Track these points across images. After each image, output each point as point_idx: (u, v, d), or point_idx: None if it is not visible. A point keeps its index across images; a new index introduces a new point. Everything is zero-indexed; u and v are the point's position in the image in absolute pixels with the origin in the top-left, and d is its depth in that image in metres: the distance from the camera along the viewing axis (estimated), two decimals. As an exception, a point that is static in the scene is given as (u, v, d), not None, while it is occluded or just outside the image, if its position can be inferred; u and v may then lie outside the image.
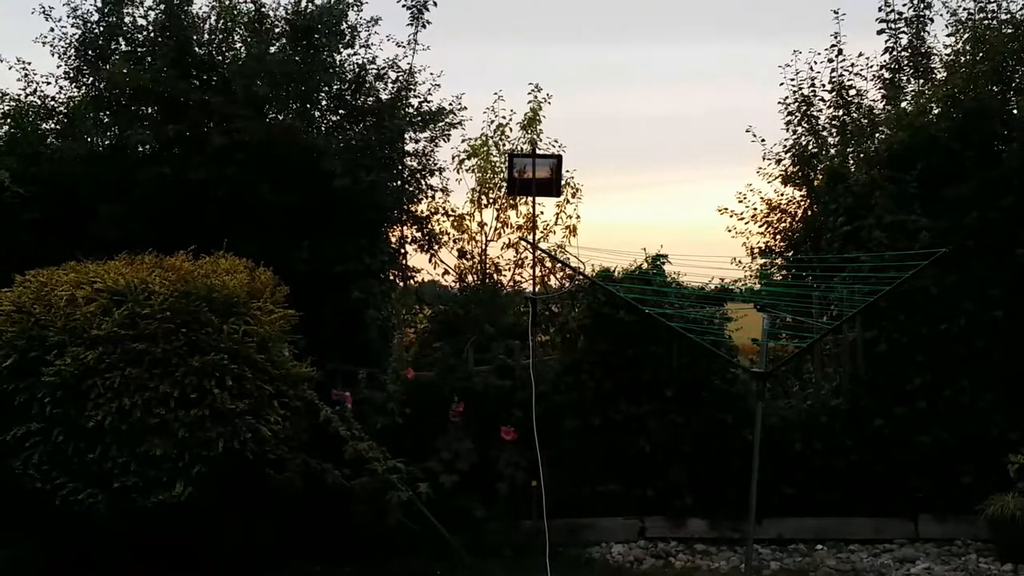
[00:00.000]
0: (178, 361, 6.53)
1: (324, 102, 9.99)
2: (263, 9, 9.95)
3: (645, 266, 9.08)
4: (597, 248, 8.04)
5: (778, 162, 11.20)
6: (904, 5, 10.72)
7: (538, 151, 7.96)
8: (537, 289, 9.14)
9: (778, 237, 11.70)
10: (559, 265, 10.37)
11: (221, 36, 9.92)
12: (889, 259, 8.37)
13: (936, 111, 9.60)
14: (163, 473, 6.48)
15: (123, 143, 9.41)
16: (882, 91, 10.86)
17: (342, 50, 10.07)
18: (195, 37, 9.66)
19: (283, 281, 7.75)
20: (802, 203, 11.27)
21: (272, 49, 9.77)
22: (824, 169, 10.04)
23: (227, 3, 9.94)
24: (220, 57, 9.91)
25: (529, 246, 10.12)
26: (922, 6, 10.76)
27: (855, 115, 10.90)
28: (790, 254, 11.62)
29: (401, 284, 10.64)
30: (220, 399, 6.53)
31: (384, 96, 10.01)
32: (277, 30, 10.04)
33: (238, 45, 9.99)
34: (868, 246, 8.89)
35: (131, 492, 6.45)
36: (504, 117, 11.34)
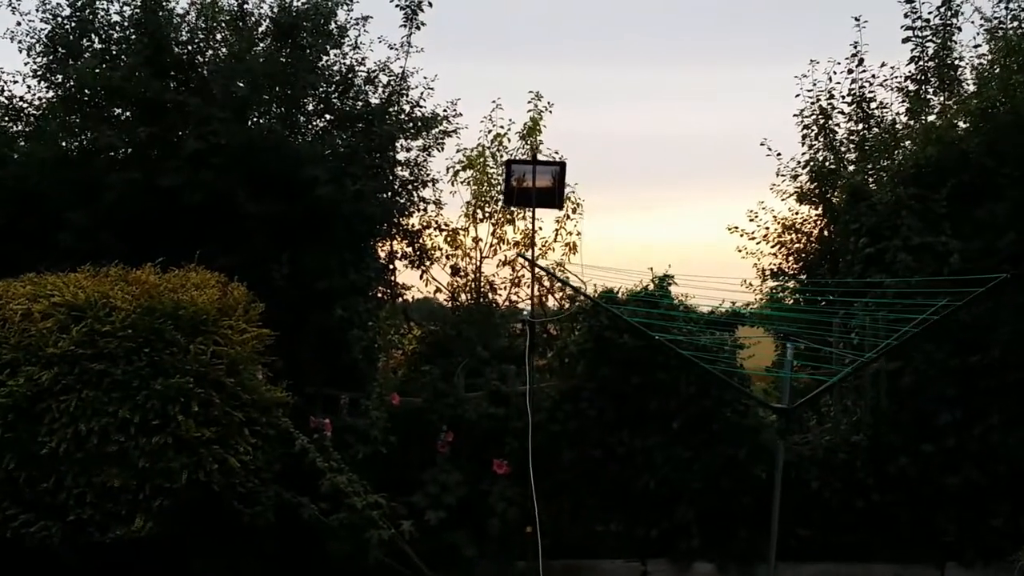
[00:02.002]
0: (139, 384, 6.40)
1: (310, 106, 9.74)
2: (246, 7, 9.72)
3: (651, 287, 8.74)
4: (601, 267, 7.66)
5: (794, 178, 10.94)
6: (930, 13, 10.41)
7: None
8: (534, 310, 8.75)
9: (791, 258, 11.38)
10: (558, 285, 10.03)
11: (201, 35, 9.62)
12: (916, 284, 8.08)
13: (964, 125, 9.28)
14: (121, 506, 6.38)
15: (93, 147, 9.13)
16: (906, 104, 10.52)
17: (330, 51, 9.82)
18: (173, 35, 9.36)
19: (260, 297, 7.54)
20: (819, 222, 10.93)
21: (255, 49, 9.49)
22: (844, 186, 9.69)
23: (208, 2, 9.63)
24: (199, 57, 9.63)
25: (527, 263, 9.74)
26: (949, 14, 10.42)
27: (877, 129, 10.56)
28: (803, 277, 11.31)
29: (389, 302, 10.29)
30: (185, 426, 6.43)
31: (374, 100, 9.78)
32: (261, 29, 9.79)
33: (219, 45, 9.72)
34: (893, 269, 8.59)
35: (87, 526, 6.35)
36: (502, 127, 11.10)
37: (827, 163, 10.71)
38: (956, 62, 10.35)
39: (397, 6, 9.97)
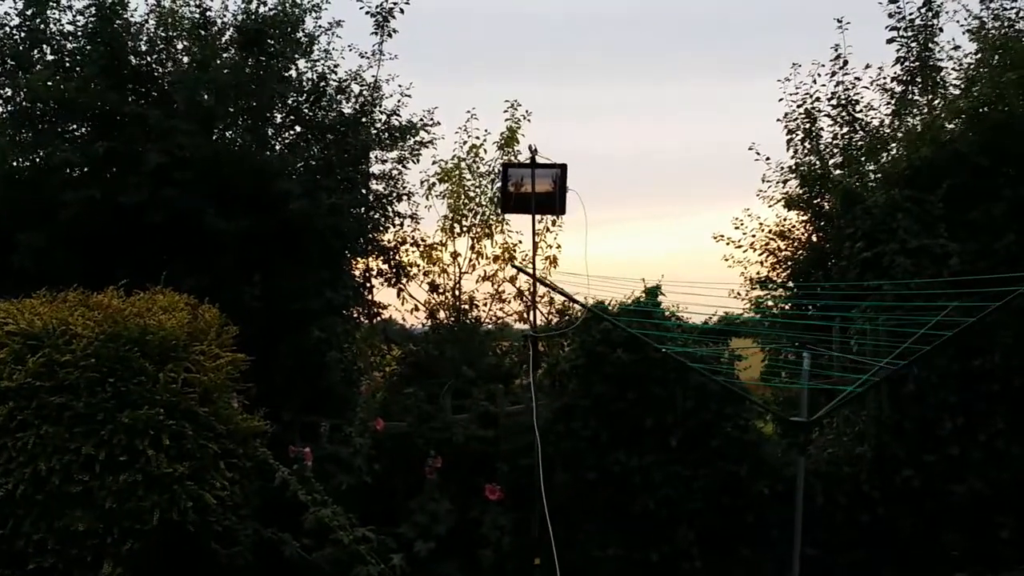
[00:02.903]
0: (104, 417, 6.01)
1: (279, 117, 9.38)
2: (209, 14, 9.29)
3: (642, 298, 8.39)
4: (598, 276, 7.18)
5: (784, 183, 10.61)
6: (911, 14, 10.18)
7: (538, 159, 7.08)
8: (533, 325, 8.32)
9: (779, 266, 11.05)
10: (546, 299, 9.64)
11: (161, 44, 9.22)
12: (916, 288, 7.79)
13: (951, 126, 9.08)
14: (87, 551, 5.91)
15: (47, 164, 8.67)
16: (891, 105, 10.27)
17: (298, 60, 9.46)
18: (131, 44, 8.96)
19: (231, 320, 7.17)
20: (808, 228, 10.61)
21: (220, 58, 9.09)
22: (837, 190, 9.41)
23: (167, 7, 9.23)
24: (160, 68, 9.24)
25: (527, 276, 9.30)
26: (930, 15, 10.20)
27: (862, 132, 10.31)
28: (790, 284, 11.00)
29: (367, 322, 9.86)
30: (155, 461, 6.02)
31: (347, 110, 9.46)
32: (225, 38, 9.37)
33: (181, 55, 9.32)
34: (891, 273, 8.32)
35: (49, 574, 5.88)
36: (478, 138, 10.83)
37: (815, 167, 10.39)
38: (938, 63, 10.15)
39: (367, 13, 9.67)
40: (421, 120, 9.67)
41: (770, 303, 11.21)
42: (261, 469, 6.88)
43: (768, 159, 10.83)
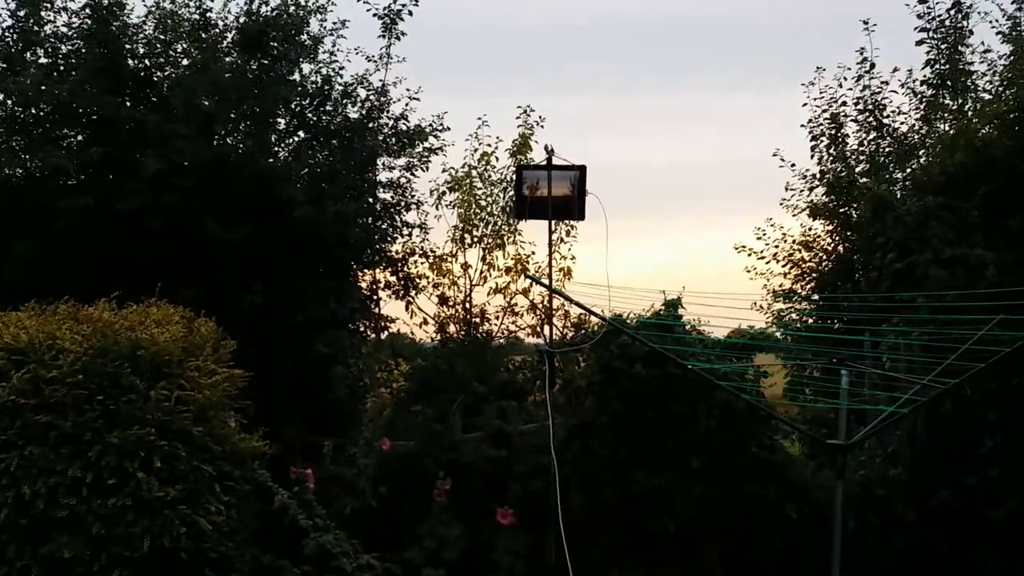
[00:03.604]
0: (92, 437, 5.86)
1: (282, 121, 9.22)
2: (209, 15, 9.13)
3: (662, 311, 8.16)
4: (609, 287, 6.86)
5: (811, 190, 10.31)
6: (939, 16, 9.91)
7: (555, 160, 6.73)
8: (550, 340, 8.03)
9: (804, 278, 10.76)
10: (560, 312, 9.37)
11: (160, 47, 9.07)
12: (952, 299, 7.50)
13: (986, 130, 8.80)
14: None
15: (40, 170, 8.57)
16: (920, 110, 10.00)
17: (303, 64, 9.32)
18: (128, 47, 8.82)
19: (231, 333, 7.01)
20: (834, 238, 10.33)
21: (221, 61, 8.93)
22: (869, 197, 9.13)
23: (167, 8, 9.09)
24: (159, 72, 9.10)
25: (540, 289, 9.03)
26: (959, 16, 9.92)
27: (890, 138, 10.06)
28: (815, 296, 10.72)
29: (373, 336, 9.62)
30: (146, 485, 5.84)
31: (353, 115, 9.29)
32: (227, 41, 9.21)
33: (180, 57, 9.16)
34: (925, 285, 8.05)
35: None
36: (489, 145, 10.61)
37: (841, 175, 10.11)
38: (967, 66, 9.89)
39: (374, 15, 9.48)
40: (431, 125, 9.47)
41: (794, 316, 10.92)
42: (259, 492, 6.75)
43: (793, 165, 10.66)
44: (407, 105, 9.34)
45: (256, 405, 7.01)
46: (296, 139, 9.31)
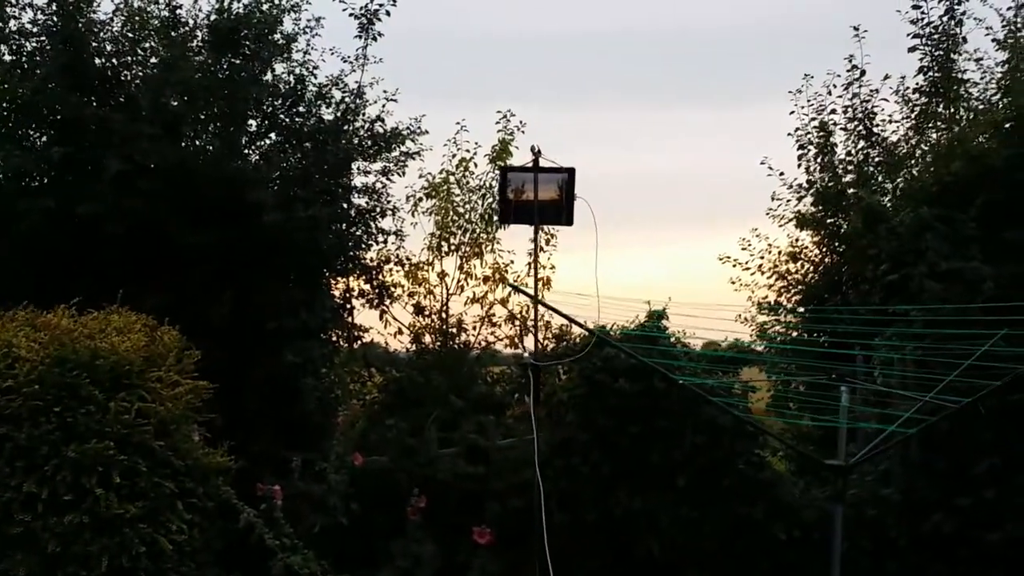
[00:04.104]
0: (48, 451, 5.82)
1: (254, 123, 9.06)
2: (178, 12, 8.98)
3: (647, 323, 8.13)
4: (592, 297, 6.76)
5: (799, 199, 10.26)
6: (934, 21, 9.90)
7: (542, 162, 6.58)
8: (535, 351, 7.94)
9: (790, 289, 10.74)
10: (541, 323, 9.22)
11: (127, 45, 8.88)
12: (948, 314, 7.45)
13: (982, 139, 8.78)
14: None
15: (3, 171, 8.40)
16: (911, 119, 9.99)
17: (276, 64, 9.14)
18: (94, 44, 8.62)
19: (197, 342, 6.93)
20: (822, 249, 10.32)
21: (192, 61, 8.78)
22: (860, 207, 9.08)
23: (135, 6, 8.93)
24: (126, 72, 8.91)
25: (520, 298, 8.93)
26: (952, 23, 9.92)
27: (881, 147, 10.07)
28: (800, 309, 10.69)
29: (346, 346, 9.48)
30: (104, 501, 5.79)
31: (327, 117, 9.14)
32: (197, 40, 9.05)
33: (148, 55, 8.98)
34: (919, 299, 7.96)
35: None
36: (468, 150, 10.58)
37: (830, 185, 10.08)
38: (961, 74, 9.89)
39: (351, 15, 9.34)
40: (408, 128, 9.35)
41: (780, 329, 10.89)
42: (224, 509, 6.64)
43: (782, 174, 10.62)
44: (384, 107, 9.24)
45: (222, 418, 6.95)
46: (268, 141, 9.18)
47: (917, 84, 9.97)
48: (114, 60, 8.83)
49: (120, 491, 5.85)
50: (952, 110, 9.85)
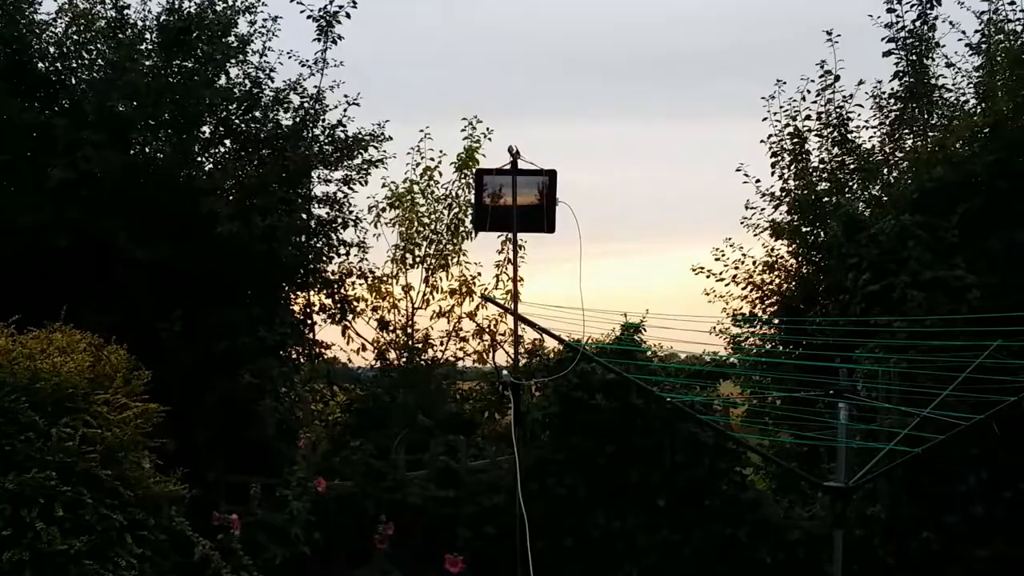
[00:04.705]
0: None
1: (207, 129, 8.77)
2: (126, 12, 8.67)
3: (626, 336, 7.94)
4: (566, 308, 6.48)
5: (776, 207, 10.11)
6: (909, 25, 9.80)
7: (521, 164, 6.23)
8: (513, 368, 7.69)
9: (764, 300, 10.56)
10: (511, 338, 8.98)
11: (72, 48, 8.60)
12: (933, 324, 7.32)
13: (958, 144, 8.70)
14: None
15: None
16: (885, 126, 9.90)
17: (231, 68, 8.86)
18: (36, 45, 8.37)
19: (147, 362, 6.58)
20: (799, 258, 10.20)
21: (142, 65, 8.50)
22: (839, 215, 8.95)
23: (80, 7, 8.63)
24: (71, 76, 8.64)
25: (491, 312, 8.70)
26: (925, 28, 9.83)
27: (857, 153, 9.98)
28: (775, 320, 10.52)
29: (307, 364, 9.30)
30: (46, 536, 5.46)
31: (285, 122, 8.86)
32: (146, 43, 8.73)
33: (95, 58, 8.68)
34: (902, 309, 7.89)
35: None
36: (432, 159, 10.34)
37: (806, 192, 9.93)
38: (935, 79, 9.80)
39: (309, 17, 9.08)
40: (371, 134, 9.06)
41: (757, 341, 10.70)
42: (177, 542, 6.25)
43: (758, 181, 10.45)
44: (345, 111, 8.97)
45: (176, 442, 6.60)
46: (222, 149, 8.92)
47: (892, 89, 9.87)
48: (58, 64, 8.54)
49: (63, 525, 5.47)
50: (927, 116, 9.77)
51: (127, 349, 6.52)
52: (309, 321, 9.50)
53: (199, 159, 8.66)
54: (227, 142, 8.90)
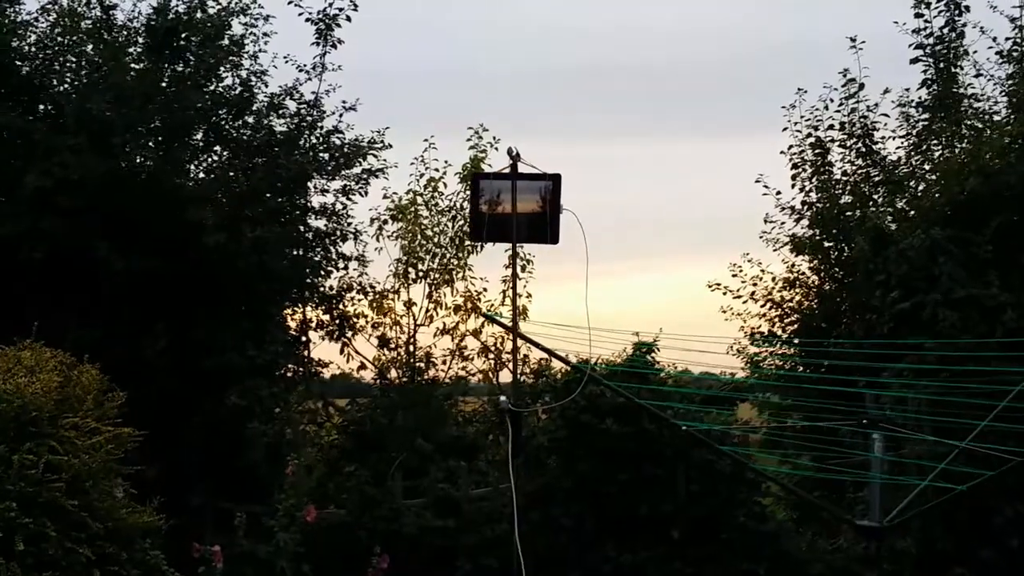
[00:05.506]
0: None
1: (198, 134, 8.53)
2: (113, 13, 8.44)
3: (638, 356, 7.67)
4: (575, 328, 6.10)
5: (796, 221, 9.78)
6: (937, 31, 9.46)
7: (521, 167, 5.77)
8: (513, 390, 7.33)
9: (784, 319, 10.21)
10: (520, 356, 8.68)
11: (55, 49, 8.37)
12: (966, 347, 7.06)
13: (988, 156, 8.37)
14: None
15: None
16: (912, 137, 9.55)
17: (223, 72, 8.61)
18: (16, 45, 8.15)
19: (128, 382, 6.22)
20: (821, 274, 9.92)
21: (130, 70, 8.26)
22: (866, 229, 8.62)
23: (65, 6, 8.42)
24: (54, 79, 8.39)
25: (496, 331, 8.37)
26: (954, 35, 9.50)
27: (882, 164, 9.67)
28: (795, 340, 10.17)
29: (302, 383, 9.14)
30: (5, 572, 5.14)
31: (280, 128, 8.63)
32: (135, 46, 8.49)
33: (79, 59, 8.45)
34: (933, 329, 7.56)
35: None
36: (437, 169, 10.07)
37: (829, 204, 9.60)
38: (964, 88, 9.46)
39: (307, 20, 8.86)
40: (371, 141, 8.83)
41: (777, 363, 10.33)
42: None
43: (779, 193, 10.08)
44: (341, 117, 8.75)
45: (155, 469, 6.35)
46: (213, 155, 8.70)
47: (920, 98, 9.53)
48: (39, 64, 8.29)
49: (25, 560, 5.13)
50: (956, 127, 9.43)
51: (107, 368, 6.15)
52: (304, 338, 9.29)
53: (189, 166, 8.44)
54: (218, 149, 8.67)
